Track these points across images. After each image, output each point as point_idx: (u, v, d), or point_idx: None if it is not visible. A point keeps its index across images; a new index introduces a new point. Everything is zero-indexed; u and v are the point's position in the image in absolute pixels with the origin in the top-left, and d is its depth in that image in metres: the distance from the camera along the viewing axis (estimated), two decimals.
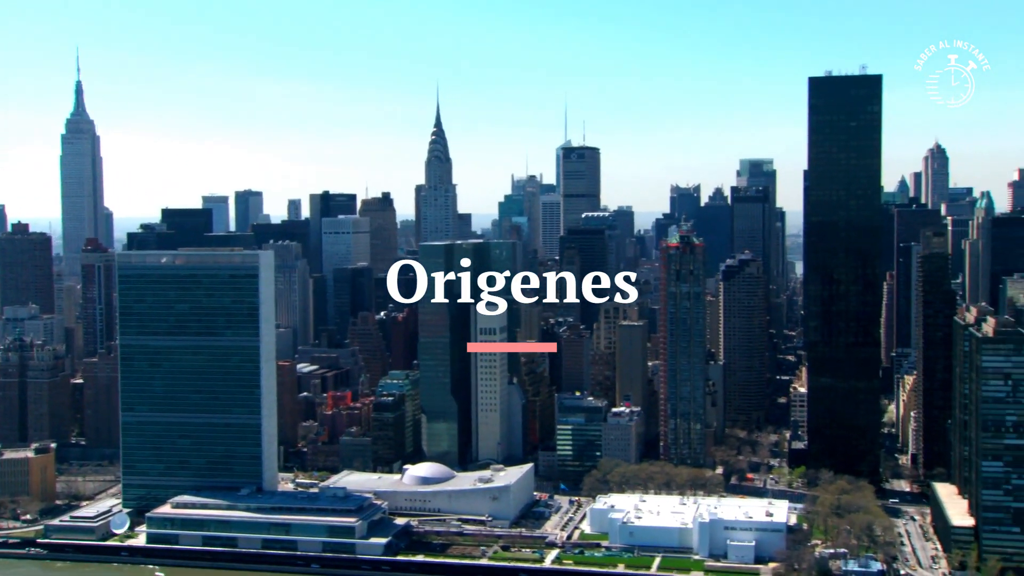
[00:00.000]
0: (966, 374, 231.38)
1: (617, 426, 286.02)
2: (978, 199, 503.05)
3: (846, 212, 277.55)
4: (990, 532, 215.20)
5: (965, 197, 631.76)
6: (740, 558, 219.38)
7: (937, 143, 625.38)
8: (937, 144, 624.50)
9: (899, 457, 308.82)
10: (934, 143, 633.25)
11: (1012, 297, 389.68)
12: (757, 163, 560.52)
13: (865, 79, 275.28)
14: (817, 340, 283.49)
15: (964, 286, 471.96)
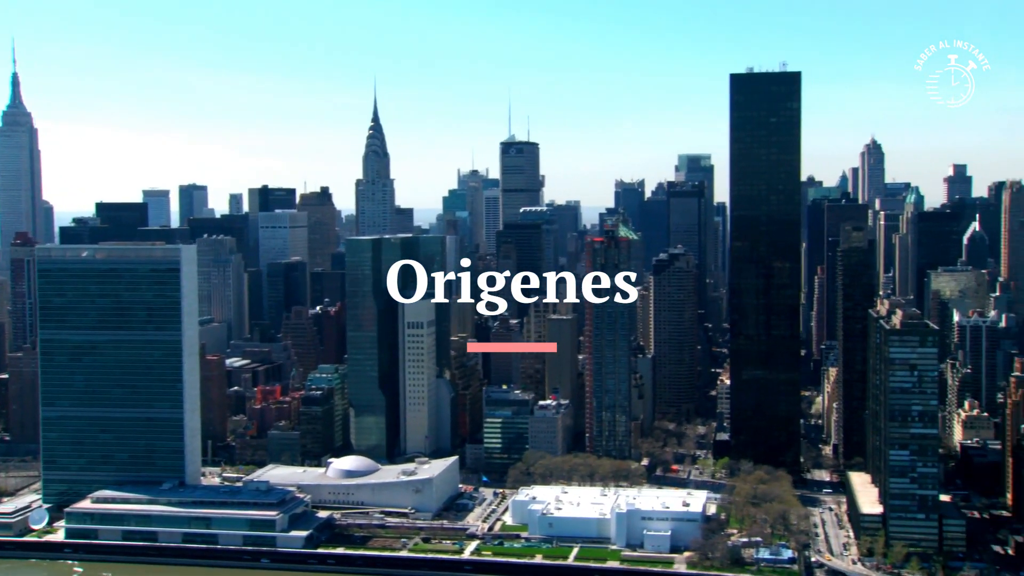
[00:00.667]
0: (877, 365, 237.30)
1: (544, 419, 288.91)
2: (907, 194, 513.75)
3: (767, 207, 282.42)
4: (897, 519, 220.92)
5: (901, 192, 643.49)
6: (656, 547, 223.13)
7: (873, 139, 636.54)
8: (873, 140, 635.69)
9: (823, 448, 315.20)
10: (870, 139, 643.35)
11: (938, 290, 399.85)
12: (695, 158, 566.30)
13: (785, 76, 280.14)
14: (740, 333, 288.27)
15: (895, 279, 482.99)
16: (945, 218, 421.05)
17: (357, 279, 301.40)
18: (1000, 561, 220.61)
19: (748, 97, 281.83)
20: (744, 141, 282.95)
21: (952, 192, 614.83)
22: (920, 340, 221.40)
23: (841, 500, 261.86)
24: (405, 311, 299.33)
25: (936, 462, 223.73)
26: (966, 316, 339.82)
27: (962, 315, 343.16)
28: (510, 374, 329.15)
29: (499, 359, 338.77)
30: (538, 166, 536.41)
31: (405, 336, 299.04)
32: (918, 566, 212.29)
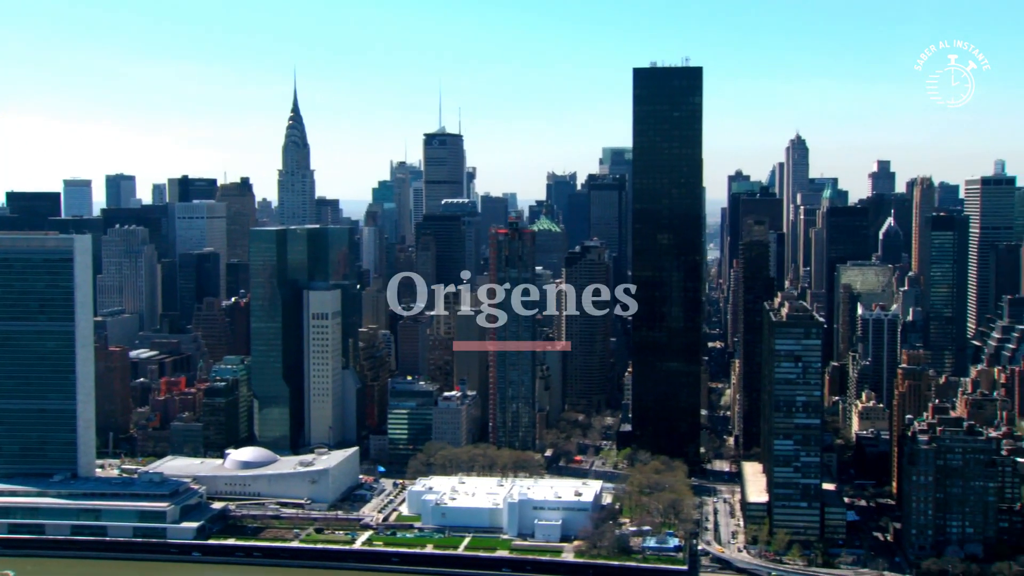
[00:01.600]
0: (767, 357, 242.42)
1: (447, 410, 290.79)
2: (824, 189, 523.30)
3: (669, 200, 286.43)
4: (781, 507, 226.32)
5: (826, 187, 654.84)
6: (546, 537, 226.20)
7: (798, 134, 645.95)
8: (798, 135, 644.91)
9: (727, 439, 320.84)
10: (795, 134, 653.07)
11: (849, 284, 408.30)
12: (619, 151, 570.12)
13: (687, 71, 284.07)
14: (642, 325, 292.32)
15: (811, 273, 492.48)
16: (855, 213, 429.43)
17: (261, 270, 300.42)
18: (879, 547, 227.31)
19: (651, 91, 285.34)
20: (647, 135, 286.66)
21: (876, 188, 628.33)
22: (805, 332, 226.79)
23: (736, 490, 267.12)
24: (310, 302, 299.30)
25: (819, 452, 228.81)
26: (869, 310, 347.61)
27: (866, 309, 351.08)
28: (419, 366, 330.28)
29: (407, 350, 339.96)
30: (462, 158, 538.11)
31: (310, 327, 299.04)
32: (799, 553, 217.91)
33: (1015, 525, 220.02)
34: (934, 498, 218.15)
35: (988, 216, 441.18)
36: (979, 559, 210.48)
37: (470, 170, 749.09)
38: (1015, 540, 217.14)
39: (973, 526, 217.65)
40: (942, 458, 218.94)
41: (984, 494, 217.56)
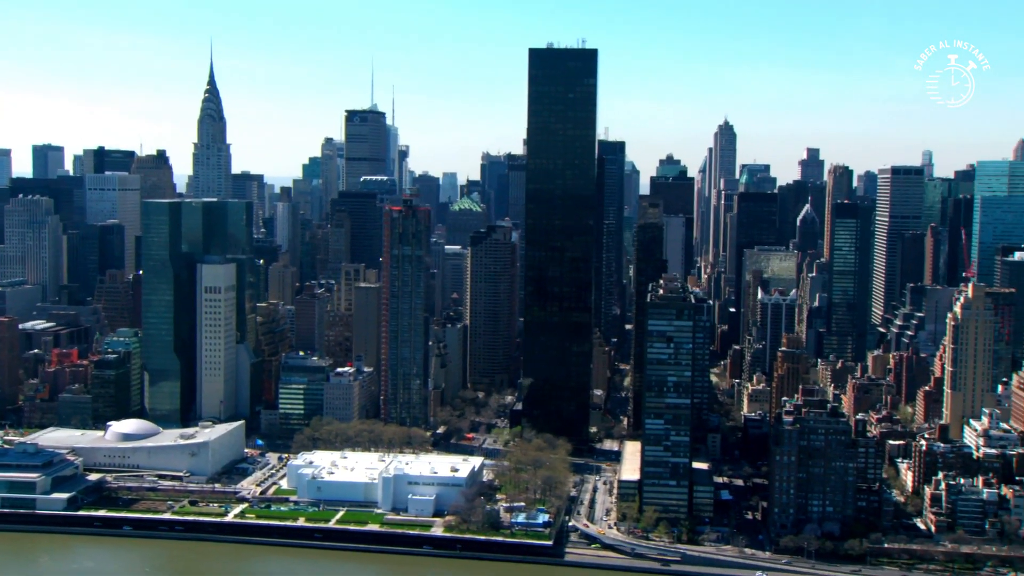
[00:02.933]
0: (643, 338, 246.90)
1: (339, 385, 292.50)
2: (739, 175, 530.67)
3: (562, 181, 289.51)
4: (650, 485, 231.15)
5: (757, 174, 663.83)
6: (419, 511, 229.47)
7: (726, 120, 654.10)
8: (726, 121, 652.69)
9: (624, 418, 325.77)
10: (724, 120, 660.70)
11: (760, 269, 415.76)
12: None
13: (582, 52, 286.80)
14: (533, 304, 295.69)
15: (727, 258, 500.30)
16: (765, 199, 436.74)
17: (153, 243, 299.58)
18: (747, 526, 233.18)
19: (546, 72, 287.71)
20: (541, 116, 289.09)
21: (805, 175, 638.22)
22: (677, 313, 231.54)
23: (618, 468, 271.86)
24: (203, 275, 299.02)
25: (689, 431, 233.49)
26: (769, 295, 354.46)
27: (768, 293, 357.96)
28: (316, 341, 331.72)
29: (304, 326, 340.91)
30: (385, 135, 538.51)
31: (202, 301, 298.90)
32: (666, 530, 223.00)
33: (872, 504, 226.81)
34: (796, 478, 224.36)
35: (897, 205, 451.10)
36: (835, 537, 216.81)
37: (403, 149, 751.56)
38: (872, 518, 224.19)
39: (833, 505, 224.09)
40: (805, 439, 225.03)
41: (844, 474, 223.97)
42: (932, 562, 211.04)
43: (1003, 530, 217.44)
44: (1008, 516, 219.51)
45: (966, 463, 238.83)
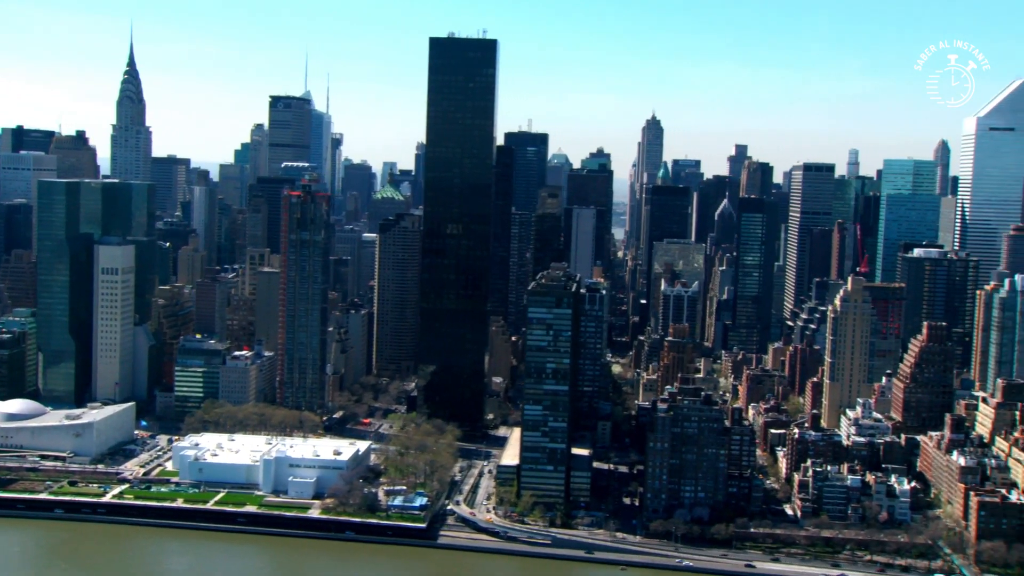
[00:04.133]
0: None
1: (235, 369, 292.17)
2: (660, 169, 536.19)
3: (460, 170, 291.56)
4: (528, 470, 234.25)
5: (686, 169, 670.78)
6: (299, 493, 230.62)
7: (653, 115, 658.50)
8: (653, 115, 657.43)
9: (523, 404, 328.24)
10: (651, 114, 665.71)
11: (671, 261, 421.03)
12: None
13: (482, 43, 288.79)
14: (429, 292, 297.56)
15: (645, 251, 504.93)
16: (676, 193, 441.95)
17: (50, 223, 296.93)
18: (624, 511, 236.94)
19: (446, 61, 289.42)
20: (441, 105, 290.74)
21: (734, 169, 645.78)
22: (556, 301, 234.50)
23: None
24: (100, 256, 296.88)
25: (567, 417, 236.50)
26: (671, 286, 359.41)
27: (668, 285, 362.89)
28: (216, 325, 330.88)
29: (205, 309, 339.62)
30: (309, 122, 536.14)
31: (99, 282, 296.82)
32: (541, 514, 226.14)
33: (743, 490, 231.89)
34: (669, 464, 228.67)
35: (808, 201, 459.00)
36: (703, 521, 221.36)
37: (336, 137, 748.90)
38: (742, 504, 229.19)
39: (705, 491, 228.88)
40: (679, 426, 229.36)
41: (716, 461, 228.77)
42: (795, 546, 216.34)
43: (864, 515, 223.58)
44: (870, 502, 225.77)
45: (836, 451, 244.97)
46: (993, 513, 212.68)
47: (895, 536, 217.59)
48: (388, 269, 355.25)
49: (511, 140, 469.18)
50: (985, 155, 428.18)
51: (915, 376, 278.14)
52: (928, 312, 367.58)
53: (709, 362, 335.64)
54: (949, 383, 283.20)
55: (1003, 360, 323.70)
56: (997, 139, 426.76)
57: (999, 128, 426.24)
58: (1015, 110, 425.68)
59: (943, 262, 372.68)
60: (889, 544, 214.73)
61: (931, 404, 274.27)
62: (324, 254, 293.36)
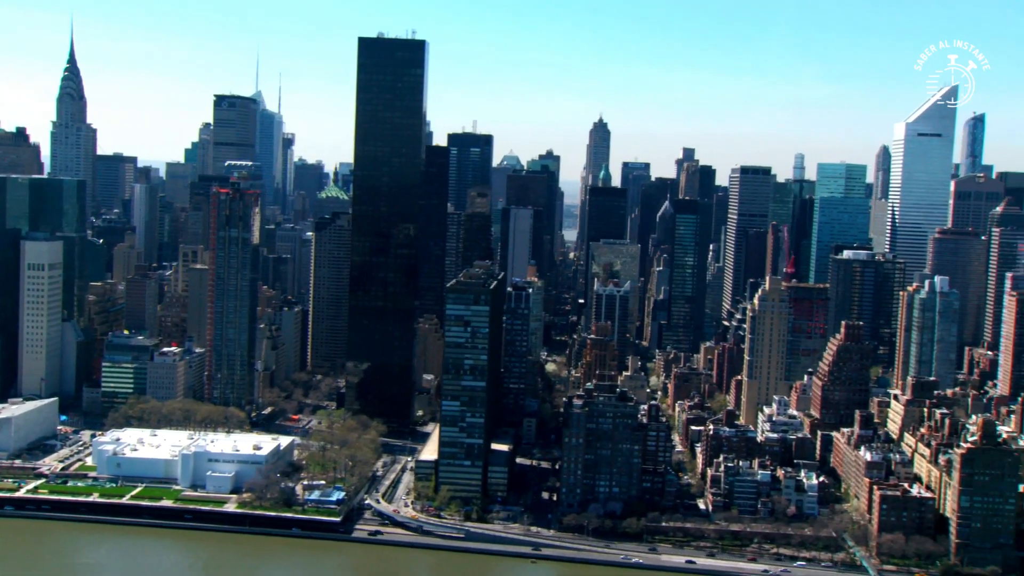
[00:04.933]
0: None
1: (163, 365, 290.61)
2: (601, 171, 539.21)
3: (389, 168, 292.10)
4: (446, 465, 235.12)
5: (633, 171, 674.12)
6: (217, 488, 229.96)
7: (601, 117, 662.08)
8: (600, 118, 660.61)
9: None
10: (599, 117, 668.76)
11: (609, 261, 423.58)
12: None
13: (410, 43, 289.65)
14: (358, 290, 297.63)
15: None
16: (613, 194, 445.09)
17: None
18: (542, 505, 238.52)
19: (375, 61, 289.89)
20: (370, 104, 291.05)
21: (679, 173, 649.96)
22: (474, 298, 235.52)
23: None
24: (27, 252, 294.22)
25: (484, 413, 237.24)
26: (604, 286, 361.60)
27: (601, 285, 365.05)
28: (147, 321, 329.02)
29: (136, 306, 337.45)
30: (254, 120, 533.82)
31: (25, 278, 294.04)
32: (457, 508, 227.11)
33: (656, 485, 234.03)
34: (584, 459, 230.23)
35: (745, 203, 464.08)
36: (616, 516, 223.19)
37: (288, 136, 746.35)
38: (656, 498, 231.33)
39: (619, 485, 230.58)
40: (594, 422, 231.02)
41: (630, 456, 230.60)
42: (704, 539, 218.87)
43: (773, 509, 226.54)
44: (779, 496, 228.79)
45: (749, 447, 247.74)
46: (894, 506, 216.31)
47: (801, 529, 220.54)
48: (324, 267, 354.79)
49: (455, 141, 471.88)
50: (914, 160, 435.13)
51: (832, 374, 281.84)
52: (857, 313, 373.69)
53: (638, 360, 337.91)
54: (866, 381, 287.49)
55: (923, 359, 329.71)
56: (925, 144, 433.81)
57: (927, 134, 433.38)
58: (942, 116, 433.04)
59: (871, 264, 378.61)
60: (794, 537, 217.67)
61: (848, 401, 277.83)
62: (253, 251, 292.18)
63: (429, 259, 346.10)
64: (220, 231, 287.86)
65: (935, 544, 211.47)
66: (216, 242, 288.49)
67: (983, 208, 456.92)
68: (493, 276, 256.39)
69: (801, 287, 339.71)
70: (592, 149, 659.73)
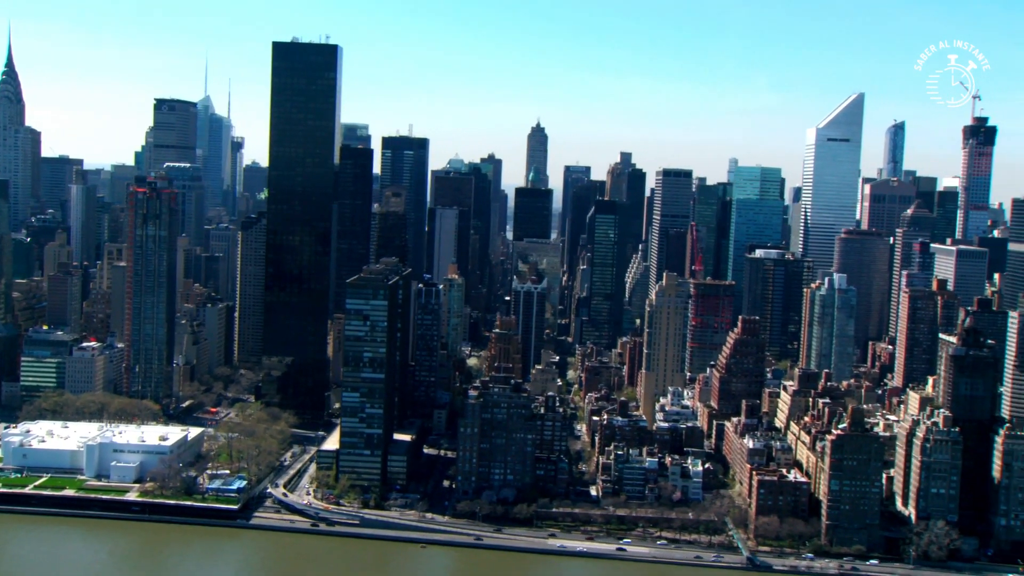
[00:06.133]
0: None
1: (81, 359, 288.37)
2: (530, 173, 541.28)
3: (303, 169, 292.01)
4: (346, 455, 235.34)
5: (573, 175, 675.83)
6: (121, 478, 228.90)
7: (538, 122, 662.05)
8: (538, 123, 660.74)
9: None
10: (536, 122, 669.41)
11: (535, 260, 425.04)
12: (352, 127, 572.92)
13: (323, 47, 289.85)
14: (273, 286, 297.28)
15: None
16: (538, 195, 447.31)
17: None
18: (441, 493, 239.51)
19: (289, 64, 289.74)
20: (284, 106, 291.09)
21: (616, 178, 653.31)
22: (372, 293, 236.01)
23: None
24: None
25: (383, 404, 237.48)
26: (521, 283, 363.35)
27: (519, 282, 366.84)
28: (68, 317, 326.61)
29: (58, 302, 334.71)
30: (193, 124, 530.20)
31: None
32: (356, 496, 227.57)
33: (550, 472, 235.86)
34: (479, 448, 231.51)
35: (667, 204, 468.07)
36: (508, 502, 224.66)
37: (238, 140, 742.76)
38: (549, 485, 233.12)
39: (513, 473, 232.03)
40: (489, 412, 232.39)
41: (524, 445, 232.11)
42: (592, 524, 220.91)
43: (660, 495, 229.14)
44: (665, 482, 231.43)
45: (641, 436, 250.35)
46: (771, 491, 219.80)
47: (685, 513, 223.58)
48: (249, 265, 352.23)
49: (389, 144, 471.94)
50: (824, 164, 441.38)
51: (730, 367, 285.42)
52: (769, 309, 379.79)
53: (550, 353, 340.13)
54: (761, 373, 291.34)
55: (823, 352, 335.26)
56: (834, 149, 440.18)
57: (836, 139, 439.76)
58: (850, 122, 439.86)
59: (781, 262, 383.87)
60: (676, 521, 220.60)
61: (746, 392, 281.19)
62: (170, 249, 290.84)
63: (352, 257, 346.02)
64: (137, 229, 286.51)
65: (807, 526, 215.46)
66: (133, 240, 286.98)
67: (896, 210, 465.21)
68: (397, 272, 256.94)
69: (707, 284, 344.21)
70: (530, 153, 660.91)
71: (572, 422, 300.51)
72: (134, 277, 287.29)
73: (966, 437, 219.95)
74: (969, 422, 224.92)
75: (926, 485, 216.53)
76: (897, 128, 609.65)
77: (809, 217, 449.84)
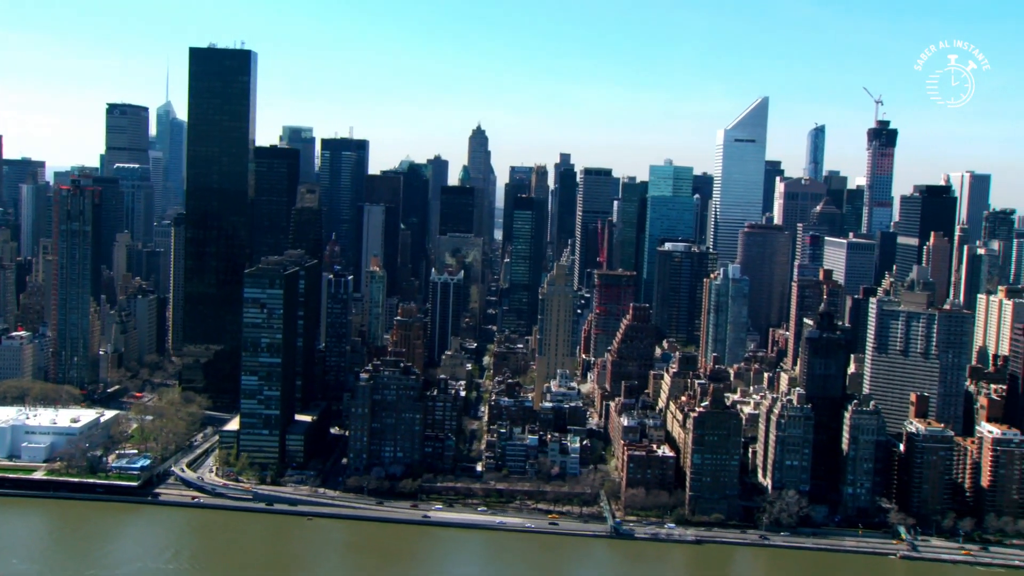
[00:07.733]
0: None
1: (9, 348, 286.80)
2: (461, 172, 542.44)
3: (219, 167, 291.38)
4: (246, 434, 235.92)
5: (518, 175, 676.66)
6: (31, 458, 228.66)
7: (479, 125, 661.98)
8: (479, 126, 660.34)
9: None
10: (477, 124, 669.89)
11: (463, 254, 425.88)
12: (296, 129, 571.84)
13: (238, 52, 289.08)
14: (192, 278, 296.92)
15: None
16: (463, 192, 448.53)
17: None
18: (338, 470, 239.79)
19: (206, 68, 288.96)
20: (201, 108, 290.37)
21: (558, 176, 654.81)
22: (270, 282, 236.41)
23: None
24: None
25: (280, 386, 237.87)
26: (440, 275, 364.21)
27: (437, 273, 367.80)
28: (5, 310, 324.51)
29: None
30: (146, 127, 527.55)
31: None
32: (254, 473, 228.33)
33: (437, 450, 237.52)
34: (370, 427, 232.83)
35: (588, 201, 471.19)
36: (396, 477, 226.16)
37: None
38: (437, 462, 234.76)
39: (403, 451, 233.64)
40: (379, 393, 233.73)
41: (412, 424, 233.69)
42: (473, 497, 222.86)
43: (540, 470, 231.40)
44: (545, 458, 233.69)
45: (526, 415, 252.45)
46: (640, 465, 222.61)
47: (561, 487, 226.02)
48: (181, 259, 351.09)
49: (328, 145, 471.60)
50: (732, 163, 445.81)
51: (621, 351, 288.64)
52: (677, 298, 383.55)
53: (459, 340, 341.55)
54: (651, 356, 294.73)
55: (718, 338, 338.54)
56: (741, 149, 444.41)
57: (742, 139, 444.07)
58: (756, 124, 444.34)
59: (688, 255, 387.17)
60: (550, 493, 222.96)
61: (636, 375, 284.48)
62: (94, 243, 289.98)
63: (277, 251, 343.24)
64: (62, 224, 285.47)
65: (672, 497, 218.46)
66: (58, 235, 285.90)
67: (808, 207, 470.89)
68: (300, 264, 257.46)
69: (610, 274, 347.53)
70: (471, 154, 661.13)
71: (479, 404, 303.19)
72: (59, 270, 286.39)
73: (819, 413, 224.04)
74: (823, 399, 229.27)
75: (781, 458, 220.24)
76: (818, 131, 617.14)
77: (718, 212, 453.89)
